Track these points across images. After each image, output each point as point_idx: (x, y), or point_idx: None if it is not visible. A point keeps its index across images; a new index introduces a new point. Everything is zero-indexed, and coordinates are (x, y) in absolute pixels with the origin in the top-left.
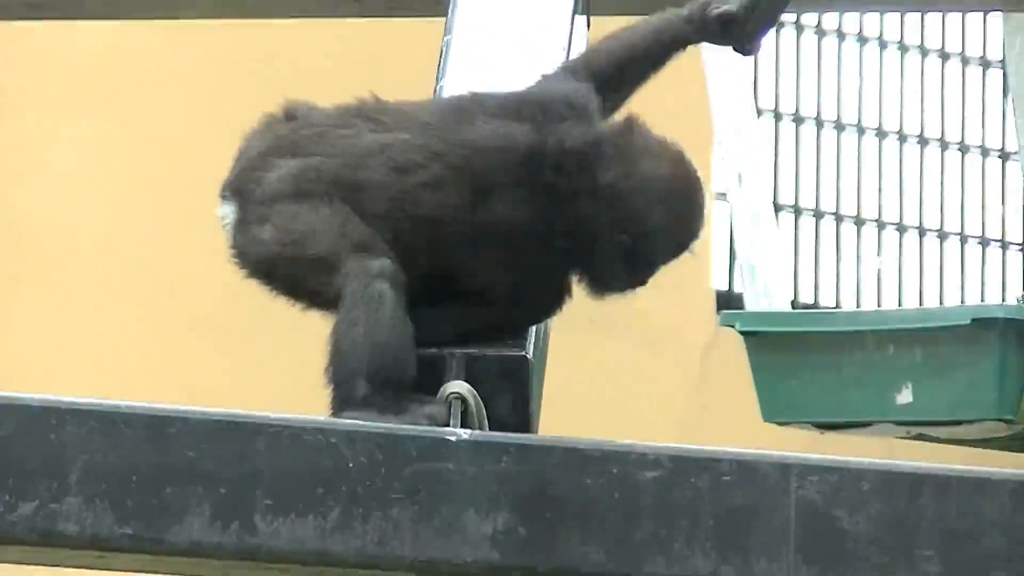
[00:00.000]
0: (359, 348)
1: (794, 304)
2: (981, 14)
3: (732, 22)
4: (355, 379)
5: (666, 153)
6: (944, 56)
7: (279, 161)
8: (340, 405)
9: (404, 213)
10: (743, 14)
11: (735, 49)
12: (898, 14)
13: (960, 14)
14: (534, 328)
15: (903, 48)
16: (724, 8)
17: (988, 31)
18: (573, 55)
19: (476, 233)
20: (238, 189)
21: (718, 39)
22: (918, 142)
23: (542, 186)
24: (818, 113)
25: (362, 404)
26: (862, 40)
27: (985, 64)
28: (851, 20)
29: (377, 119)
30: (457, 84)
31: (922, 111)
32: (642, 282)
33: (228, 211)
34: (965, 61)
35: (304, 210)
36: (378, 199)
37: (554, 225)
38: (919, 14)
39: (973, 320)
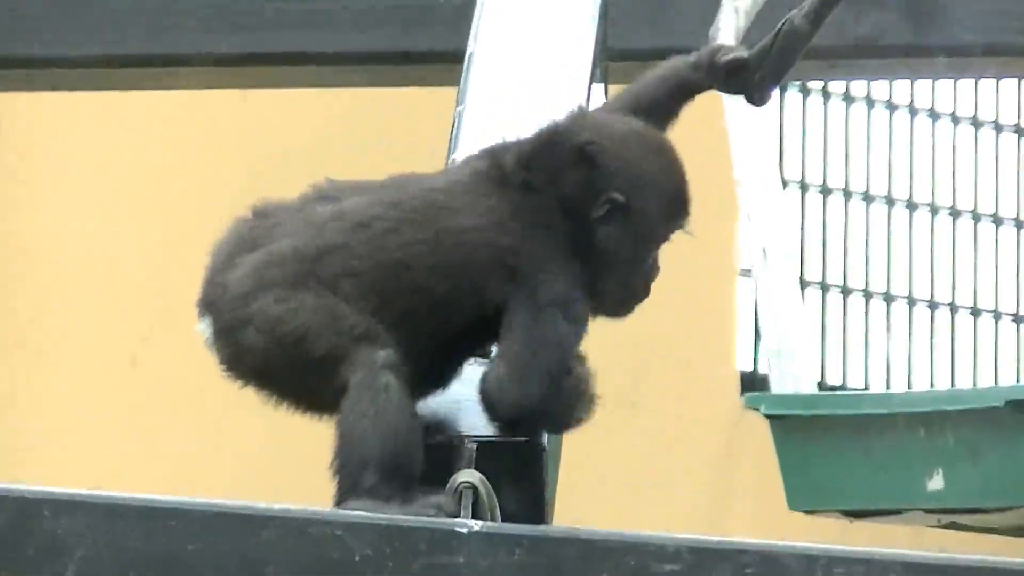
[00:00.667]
0: (368, 438)
1: (821, 386)
2: (1016, 80)
3: (742, 69)
4: (363, 469)
5: (628, 119)
6: (977, 124)
7: (242, 259)
8: (345, 495)
9: (372, 263)
10: (754, 61)
11: (746, 99)
12: (928, 81)
13: (994, 80)
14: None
15: (934, 116)
16: (734, 55)
17: (1023, 98)
18: None
19: (453, 263)
20: (209, 301)
21: (727, 87)
22: (950, 214)
23: (517, 190)
24: (846, 184)
25: (368, 494)
26: (891, 107)
27: (1020, 132)
28: (880, 87)
29: (332, 196)
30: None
31: (954, 181)
32: (645, 284)
33: (205, 326)
34: (999, 129)
35: (284, 308)
36: (341, 259)
37: (541, 219)
38: (951, 80)
39: (1007, 402)
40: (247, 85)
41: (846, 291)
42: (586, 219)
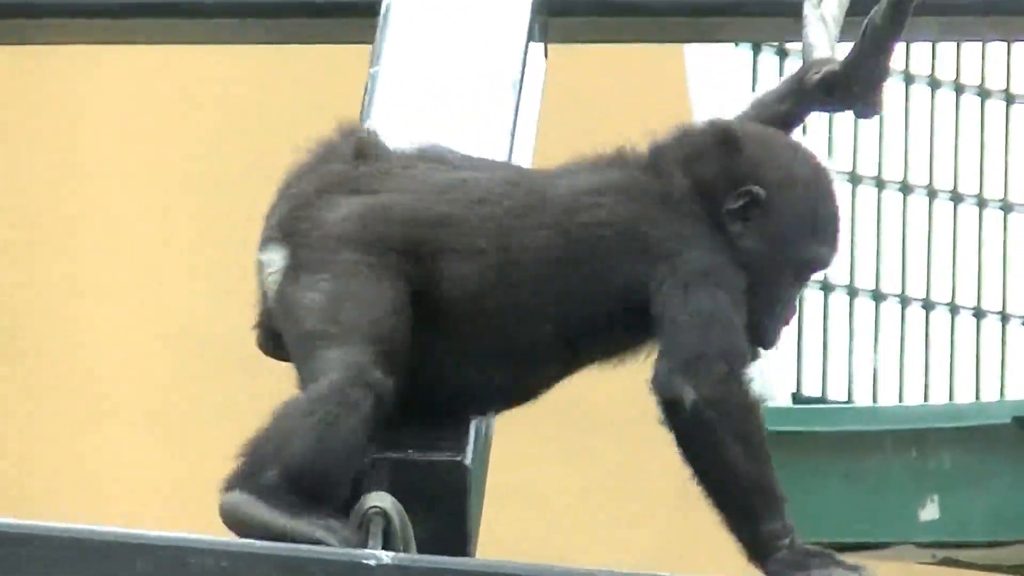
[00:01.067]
0: (296, 438)
1: (797, 398)
2: None
3: (836, 84)
4: (269, 464)
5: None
6: (984, 94)
7: (340, 199)
8: (234, 482)
9: (494, 244)
10: (845, 72)
11: (854, 114)
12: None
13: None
14: (471, 431)
15: (934, 84)
16: (825, 71)
17: None
18: (527, 91)
19: (580, 250)
20: (291, 231)
21: (827, 106)
22: (950, 198)
23: (645, 173)
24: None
25: (258, 492)
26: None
27: None
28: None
29: (443, 162)
30: (387, 125)
31: (956, 160)
32: (775, 322)
33: (276, 256)
34: (1010, 100)
35: (365, 274)
36: (461, 233)
37: (672, 200)
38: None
39: (1013, 419)
40: (128, 40)
41: (827, 288)
42: (719, 211)
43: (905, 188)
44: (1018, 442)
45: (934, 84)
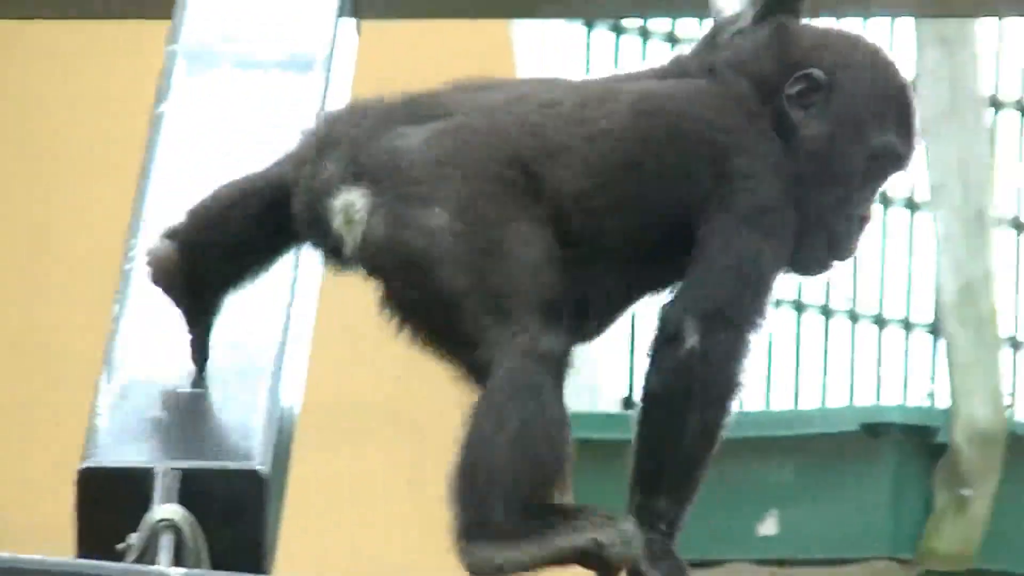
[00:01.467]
0: (501, 461)
1: (627, 403)
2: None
3: None
4: (490, 503)
5: None
6: None
7: (405, 129)
8: (467, 536)
9: (578, 138)
10: (760, 20)
11: None
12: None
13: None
14: (269, 436)
15: None
16: (735, 28)
17: None
18: (337, 67)
19: (657, 134)
20: (364, 167)
21: None
22: None
23: (701, 75)
24: None
25: (497, 536)
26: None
27: None
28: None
29: (481, 88)
30: (186, 106)
31: None
32: (848, 232)
33: (354, 196)
34: None
35: (492, 207)
36: (542, 139)
37: (734, 101)
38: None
39: (862, 426)
40: None
41: None
42: (780, 105)
43: None
44: (866, 452)
45: None
